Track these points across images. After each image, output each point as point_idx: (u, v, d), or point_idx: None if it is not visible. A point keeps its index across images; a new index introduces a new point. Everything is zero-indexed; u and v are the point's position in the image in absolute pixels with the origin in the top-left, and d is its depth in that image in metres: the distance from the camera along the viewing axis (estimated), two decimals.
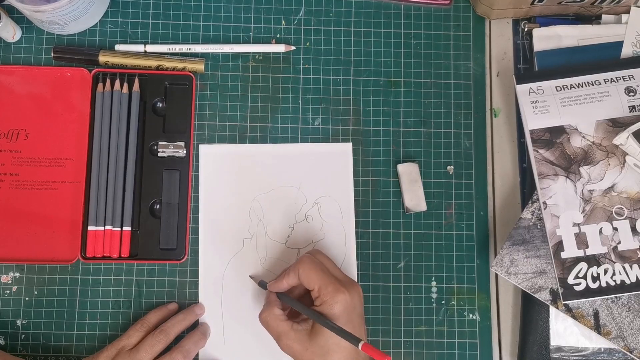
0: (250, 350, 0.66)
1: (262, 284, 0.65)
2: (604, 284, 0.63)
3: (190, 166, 0.68)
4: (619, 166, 0.65)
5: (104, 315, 0.66)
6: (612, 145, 0.65)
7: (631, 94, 0.66)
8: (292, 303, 0.60)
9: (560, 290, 0.63)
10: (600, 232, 0.64)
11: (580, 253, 0.64)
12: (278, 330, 0.59)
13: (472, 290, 0.68)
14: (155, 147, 0.68)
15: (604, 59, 0.68)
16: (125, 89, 0.67)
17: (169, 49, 0.69)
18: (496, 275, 0.68)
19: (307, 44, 0.71)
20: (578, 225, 0.64)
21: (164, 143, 0.67)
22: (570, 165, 0.65)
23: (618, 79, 0.67)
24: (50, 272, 0.66)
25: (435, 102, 0.71)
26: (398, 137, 0.70)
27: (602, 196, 0.65)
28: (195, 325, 0.66)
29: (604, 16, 0.71)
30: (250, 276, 0.67)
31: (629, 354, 0.63)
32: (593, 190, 0.65)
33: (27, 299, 0.66)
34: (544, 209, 0.65)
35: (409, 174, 0.68)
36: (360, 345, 0.53)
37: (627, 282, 0.63)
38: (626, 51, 0.69)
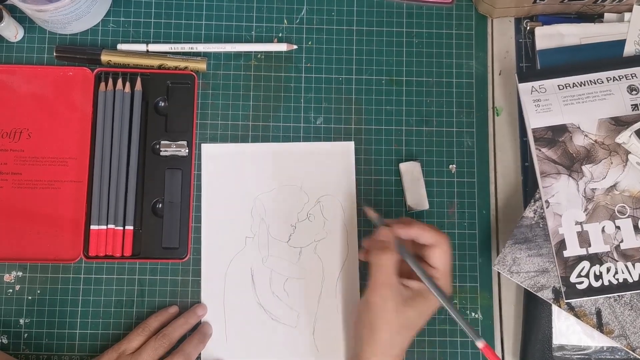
0: (252, 348, 0.66)
1: (380, 220, 0.61)
2: (606, 283, 0.63)
3: (193, 165, 0.68)
4: (622, 165, 0.65)
5: (106, 314, 0.66)
6: (614, 143, 0.65)
7: (634, 92, 0.66)
8: (413, 260, 0.58)
9: (563, 289, 0.63)
10: (603, 230, 0.64)
11: (582, 252, 0.64)
12: (388, 280, 0.56)
13: (475, 289, 0.68)
14: (158, 146, 0.68)
15: (607, 57, 0.68)
16: (127, 88, 0.68)
17: (171, 48, 0.69)
18: (498, 273, 0.68)
19: (309, 43, 0.71)
20: (580, 223, 0.64)
21: (166, 142, 0.68)
22: (573, 163, 0.65)
23: (620, 77, 0.67)
24: (53, 271, 0.66)
25: (437, 100, 0.71)
26: (400, 136, 0.70)
27: (604, 195, 0.65)
28: (197, 326, 0.66)
29: (606, 14, 0.70)
30: (364, 206, 0.64)
31: (631, 352, 0.63)
32: (595, 188, 0.65)
33: (29, 298, 0.66)
34: (547, 207, 0.65)
35: (411, 173, 0.68)
36: (481, 345, 0.55)
37: (630, 280, 0.63)
38: (629, 49, 0.69)
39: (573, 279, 0.63)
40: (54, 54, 0.68)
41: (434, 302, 0.58)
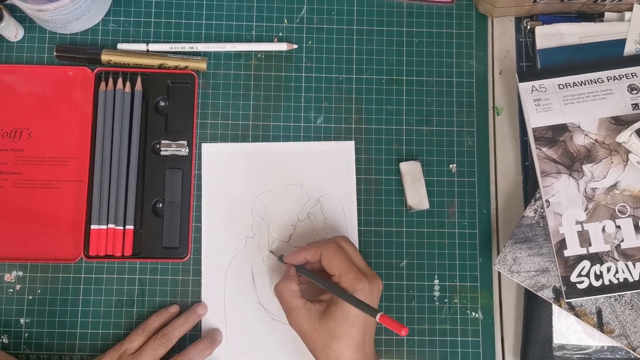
0: (253, 348, 0.66)
1: (281, 259, 0.64)
2: (607, 282, 0.63)
3: (193, 165, 0.68)
4: (622, 164, 0.65)
5: (107, 314, 0.66)
6: (615, 143, 0.65)
7: (634, 91, 0.66)
8: (311, 275, 0.60)
9: (563, 289, 0.63)
10: (603, 230, 0.64)
11: (583, 251, 0.64)
12: (291, 305, 0.59)
13: (475, 289, 0.68)
14: (158, 146, 0.68)
15: (607, 56, 0.68)
16: (127, 88, 0.68)
17: (171, 48, 0.69)
18: (499, 273, 0.68)
19: (310, 42, 0.71)
20: (581, 223, 0.64)
21: (167, 142, 0.68)
22: (573, 163, 0.65)
23: (621, 76, 0.67)
24: (54, 270, 0.66)
25: (437, 100, 0.71)
26: (400, 136, 0.70)
27: (605, 194, 0.65)
28: (198, 327, 0.66)
29: (606, 14, 0.70)
30: (270, 251, 0.67)
31: (632, 352, 0.63)
32: (596, 188, 0.65)
33: (30, 297, 0.66)
34: (547, 207, 0.65)
35: (412, 173, 0.68)
36: (377, 316, 0.53)
37: (630, 280, 0.63)
38: (629, 49, 0.69)
39: (573, 278, 0.63)
40: (54, 53, 0.68)
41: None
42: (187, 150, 0.68)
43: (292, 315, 0.59)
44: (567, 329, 0.65)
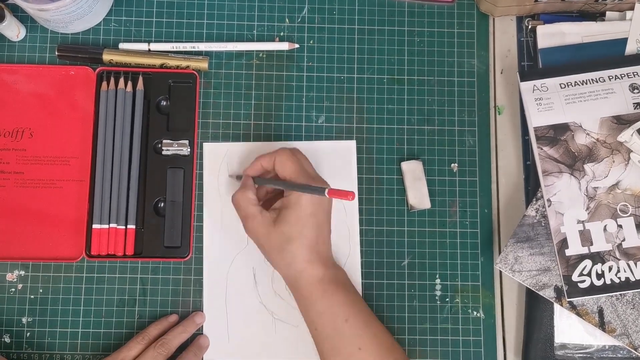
0: (255, 347, 0.66)
1: (239, 178, 0.66)
2: (608, 281, 0.63)
3: (195, 164, 0.68)
4: (624, 163, 0.65)
5: (108, 313, 0.66)
6: (616, 142, 0.65)
7: (636, 90, 0.66)
8: (266, 181, 0.63)
9: (565, 288, 0.63)
10: (605, 229, 0.64)
11: (584, 250, 0.64)
12: (247, 212, 0.61)
13: (476, 288, 0.68)
14: (160, 146, 0.68)
15: (608, 56, 0.68)
16: (129, 88, 0.68)
17: (173, 47, 0.69)
18: (500, 272, 0.68)
19: (311, 41, 0.71)
20: (582, 222, 0.64)
21: (168, 141, 0.68)
22: (575, 162, 0.65)
23: (622, 76, 0.67)
24: (55, 270, 0.66)
25: (439, 99, 0.71)
26: (402, 135, 0.70)
27: (606, 193, 0.65)
28: (194, 336, 0.66)
29: (608, 13, 0.70)
30: (230, 175, 0.68)
31: (633, 351, 0.63)
32: (597, 187, 0.65)
33: (32, 297, 0.66)
34: (548, 206, 0.65)
35: (413, 172, 0.68)
36: (326, 192, 0.55)
37: (632, 279, 0.63)
38: (631, 48, 0.69)
39: (575, 277, 0.63)
40: (56, 53, 0.69)
41: (303, 205, 0.59)
42: (189, 149, 0.68)
43: (248, 222, 0.61)
44: (568, 328, 0.65)
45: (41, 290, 0.66)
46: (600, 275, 0.63)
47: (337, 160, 0.69)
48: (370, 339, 0.59)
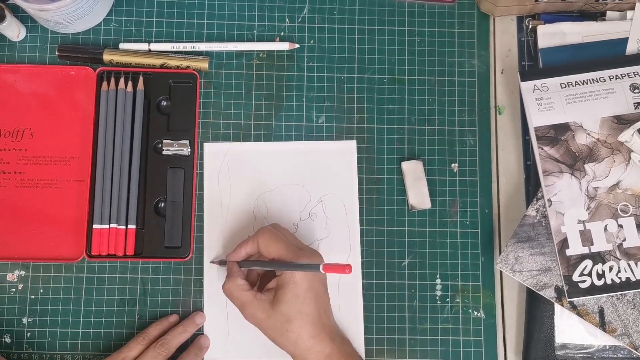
0: (255, 348, 0.66)
1: (222, 263, 0.65)
2: (609, 281, 0.63)
3: (195, 164, 0.68)
4: (624, 163, 0.65)
5: (109, 313, 0.66)
6: (617, 142, 0.65)
7: (636, 90, 0.66)
8: (254, 264, 0.62)
9: (565, 288, 0.63)
10: (605, 229, 0.64)
11: (585, 250, 0.64)
12: (242, 300, 0.60)
13: (477, 288, 0.68)
14: (160, 146, 0.68)
15: (609, 55, 0.68)
16: (129, 88, 0.68)
17: (173, 48, 0.69)
18: (501, 272, 0.68)
19: (311, 41, 0.71)
20: (583, 222, 0.64)
21: (169, 141, 0.68)
22: (575, 162, 0.65)
23: (623, 75, 0.67)
24: (56, 270, 0.67)
25: (439, 99, 0.71)
26: (402, 135, 0.70)
27: (607, 193, 0.65)
28: (195, 336, 0.66)
29: (608, 13, 0.70)
30: (211, 262, 0.67)
31: (634, 351, 0.63)
32: (598, 187, 0.65)
33: (32, 297, 0.66)
34: (549, 206, 0.65)
35: (413, 172, 0.68)
36: (320, 268, 0.54)
37: (632, 279, 0.63)
38: (631, 48, 0.69)
39: (575, 277, 0.63)
40: (56, 53, 0.69)
41: (298, 281, 0.58)
42: (189, 149, 0.68)
43: (245, 309, 0.60)
44: (569, 328, 0.65)
45: (41, 291, 0.66)
46: (600, 275, 0.63)
47: (337, 160, 0.69)
48: None
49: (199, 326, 0.65)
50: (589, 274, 0.63)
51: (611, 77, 0.67)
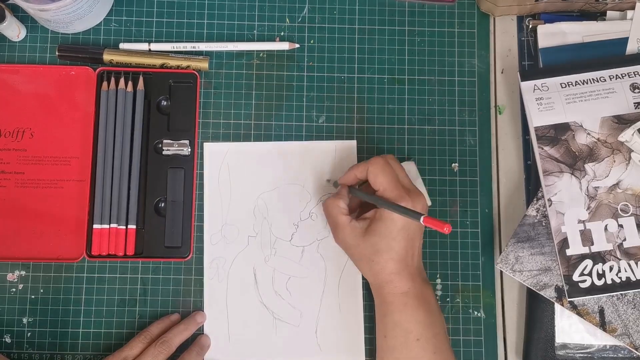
0: (255, 348, 0.66)
1: (336, 184, 0.67)
2: (609, 281, 0.63)
3: (195, 164, 0.68)
4: (624, 163, 0.65)
5: (109, 313, 0.66)
6: (617, 142, 0.65)
7: (636, 90, 0.66)
8: (361, 194, 0.62)
9: (566, 288, 0.63)
10: (606, 229, 0.64)
11: (585, 250, 0.64)
12: (337, 221, 0.61)
13: (477, 288, 0.68)
14: (160, 146, 0.68)
15: (609, 55, 0.68)
16: (129, 88, 0.68)
17: (173, 47, 0.69)
18: (501, 272, 0.68)
19: (311, 41, 0.71)
20: (583, 222, 0.64)
21: (169, 141, 0.68)
22: (575, 162, 0.65)
23: (623, 75, 0.67)
24: (56, 270, 0.67)
25: (439, 99, 0.71)
26: (402, 135, 0.70)
27: (607, 193, 0.65)
28: (195, 336, 0.66)
29: (608, 12, 0.70)
30: (327, 180, 0.68)
31: (634, 351, 0.63)
32: (598, 187, 0.65)
33: (33, 297, 0.66)
34: (549, 206, 0.65)
35: (408, 173, 0.68)
36: (421, 219, 0.54)
37: (633, 279, 0.63)
38: (631, 47, 0.68)
39: (576, 277, 0.63)
40: (57, 53, 0.69)
41: (395, 219, 0.58)
42: (189, 149, 0.68)
43: (337, 232, 0.61)
44: (569, 328, 0.65)
45: (42, 291, 0.66)
46: (601, 275, 0.63)
47: (338, 160, 0.69)
48: None
49: (200, 325, 0.65)
50: (589, 274, 0.63)
51: (611, 76, 0.67)
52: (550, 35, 0.70)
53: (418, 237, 0.60)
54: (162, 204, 0.67)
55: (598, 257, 0.64)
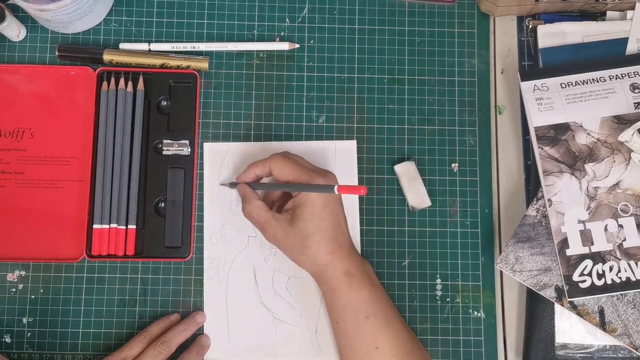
0: (255, 347, 0.66)
1: (232, 185, 0.66)
2: (609, 281, 0.63)
3: (195, 164, 0.68)
4: (624, 163, 0.65)
5: (109, 313, 0.66)
6: (617, 142, 0.65)
7: (636, 90, 0.66)
8: (269, 186, 0.63)
9: (566, 288, 0.63)
10: (606, 229, 0.64)
11: (585, 250, 0.64)
12: (262, 221, 0.61)
13: (477, 288, 0.68)
14: (160, 146, 0.68)
15: (609, 55, 0.68)
16: (129, 88, 0.68)
17: (173, 47, 0.69)
18: (501, 272, 0.68)
19: (311, 41, 0.71)
20: (583, 222, 0.64)
21: (169, 141, 0.68)
22: (575, 162, 0.65)
23: (623, 75, 0.67)
24: (56, 270, 0.67)
25: (439, 99, 0.71)
26: (402, 135, 0.70)
27: (607, 193, 0.65)
28: (195, 336, 0.66)
29: (608, 12, 0.70)
30: (220, 184, 0.68)
31: (634, 351, 0.63)
32: (598, 187, 0.65)
33: (32, 297, 0.66)
34: (549, 206, 0.65)
35: (407, 173, 0.68)
36: (335, 189, 0.55)
37: (633, 279, 0.63)
38: (631, 48, 0.68)
39: (576, 277, 0.63)
40: (57, 53, 0.69)
41: (314, 199, 0.59)
42: (189, 149, 0.68)
43: (266, 230, 0.61)
44: (569, 328, 0.65)
45: (42, 291, 0.66)
46: (601, 275, 0.63)
47: (337, 160, 0.69)
48: (389, 339, 0.59)
49: (200, 325, 0.65)
50: (589, 274, 0.63)
51: (611, 77, 0.67)
52: (550, 35, 0.70)
53: (341, 212, 0.61)
54: (162, 204, 0.67)
55: (598, 257, 0.64)
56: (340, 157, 0.69)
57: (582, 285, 0.63)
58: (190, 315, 0.65)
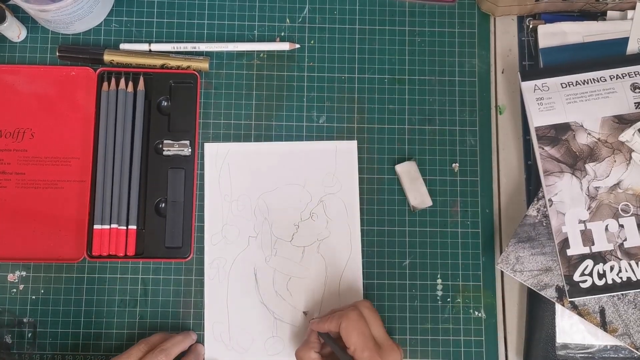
0: (256, 348, 0.66)
1: (308, 315, 0.66)
2: (610, 281, 0.63)
3: (195, 164, 0.68)
4: (625, 163, 0.65)
5: (110, 313, 0.66)
6: (617, 141, 0.65)
7: (637, 90, 0.66)
8: (332, 344, 0.60)
9: (566, 288, 0.63)
10: (606, 229, 0.64)
11: (586, 250, 0.64)
12: None
13: (478, 288, 0.68)
14: (161, 146, 0.68)
15: (610, 55, 0.68)
16: (130, 88, 0.68)
17: (174, 48, 0.69)
18: (502, 272, 0.68)
19: (312, 41, 0.71)
20: (584, 222, 0.64)
21: (169, 142, 0.68)
22: (576, 162, 0.65)
23: (624, 75, 0.67)
24: (57, 270, 0.67)
25: (440, 99, 0.71)
26: (403, 135, 0.70)
27: (607, 193, 0.65)
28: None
29: (609, 12, 0.70)
30: (304, 312, 0.66)
31: (635, 351, 0.63)
32: (599, 187, 0.65)
33: (33, 297, 0.66)
34: (550, 206, 0.65)
35: (408, 173, 0.68)
36: None
37: (633, 279, 0.63)
38: (632, 47, 0.68)
39: (576, 277, 0.63)
40: (57, 53, 0.69)
41: None
42: (190, 150, 0.68)
43: None
44: (570, 328, 0.65)
45: (42, 291, 0.66)
46: (601, 275, 0.63)
47: (338, 160, 0.69)
48: None
49: (194, 342, 0.65)
50: (590, 274, 0.63)
51: (612, 76, 0.67)
52: (551, 35, 0.70)
53: None
54: (163, 205, 0.67)
55: (599, 257, 0.64)
56: (341, 157, 0.69)
57: (582, 285, 0.63)
58: (187, 331, 0.65)
